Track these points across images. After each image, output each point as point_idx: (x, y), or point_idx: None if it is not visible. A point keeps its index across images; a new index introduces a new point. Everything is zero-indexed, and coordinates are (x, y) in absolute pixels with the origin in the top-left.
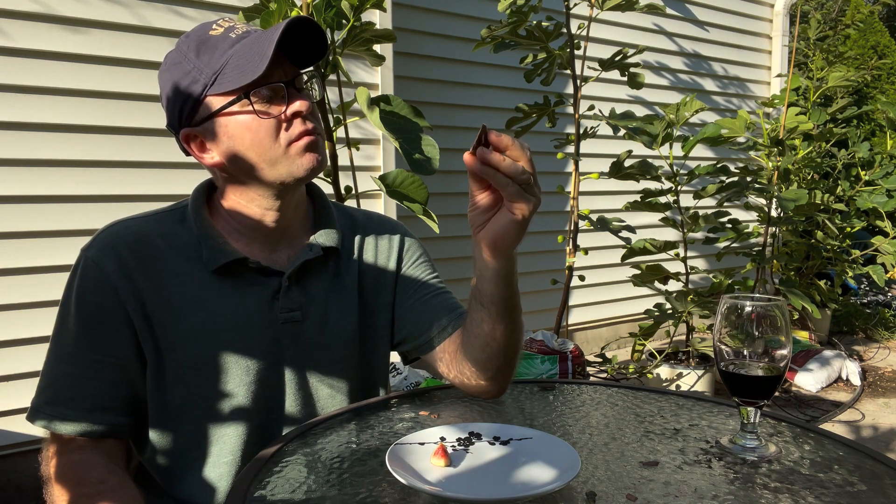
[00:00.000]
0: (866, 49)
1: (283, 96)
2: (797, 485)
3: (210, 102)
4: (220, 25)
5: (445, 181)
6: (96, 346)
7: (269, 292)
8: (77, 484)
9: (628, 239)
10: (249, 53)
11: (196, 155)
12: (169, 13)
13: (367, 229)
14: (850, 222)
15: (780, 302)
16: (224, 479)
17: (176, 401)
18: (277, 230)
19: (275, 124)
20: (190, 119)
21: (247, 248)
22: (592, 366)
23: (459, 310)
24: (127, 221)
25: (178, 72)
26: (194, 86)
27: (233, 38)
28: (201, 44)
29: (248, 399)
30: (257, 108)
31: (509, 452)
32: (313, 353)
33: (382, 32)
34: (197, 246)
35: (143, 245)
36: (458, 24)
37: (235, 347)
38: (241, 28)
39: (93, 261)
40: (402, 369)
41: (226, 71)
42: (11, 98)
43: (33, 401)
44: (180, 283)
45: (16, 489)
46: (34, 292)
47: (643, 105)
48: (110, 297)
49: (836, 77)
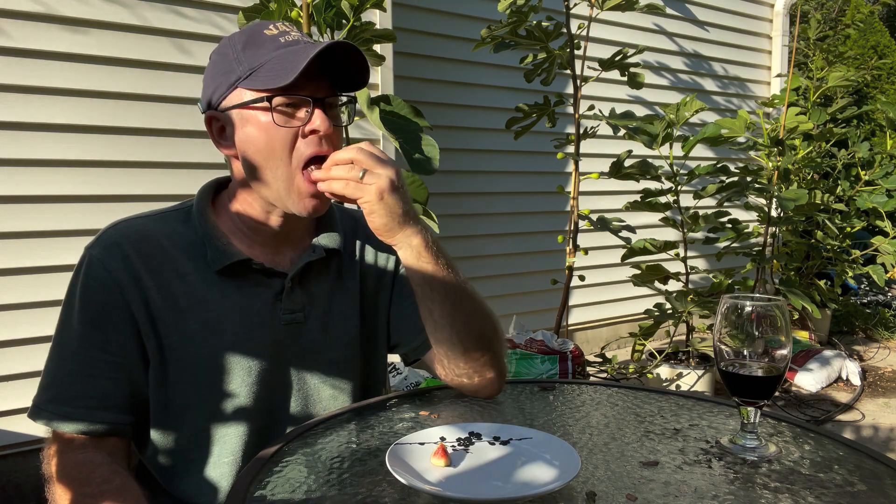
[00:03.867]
0: (866, 49)
1: (307, 111)
2: (797, 485)
3: (239, 94)
4: (277, 28)
5: (445, 181)
6: (100, 344)
7: (272, 293)
8: (81, 483)
9: (628, 239)
10: (287, 61)
11: (214, 139)
12: (169, 13)
13: (369, 230)
14: (850, 222)
15: (780, 302)
16: (225, 479)
17: (178, 400)
18: (281, 232)
19: (291, 135)
20: (218, 104)
21: (250, 250)
22: (592, 366)
23: None
24: (132, 220)
25: (223, 58)
26: (230, 74)
27: (281, 42)
28: (251, 39)
29: (250, 399)
30: (278, 113)
31: (509, 452)
32: (315, 355)
33: (382, 32)
34: (201, 246)
35: (148, 244)
36: (458, 24)
37: (238, 348)
38: (294, 35)
39: (97, 259)
40: (402, 369)
41: (262, 70)
42: (11, 98)
43: (35, 399)
44: (184, 283)
45: (16, 489)
46: (34, 292)
47: (643, 105)
48: (115, 296)
49: (836, 77)
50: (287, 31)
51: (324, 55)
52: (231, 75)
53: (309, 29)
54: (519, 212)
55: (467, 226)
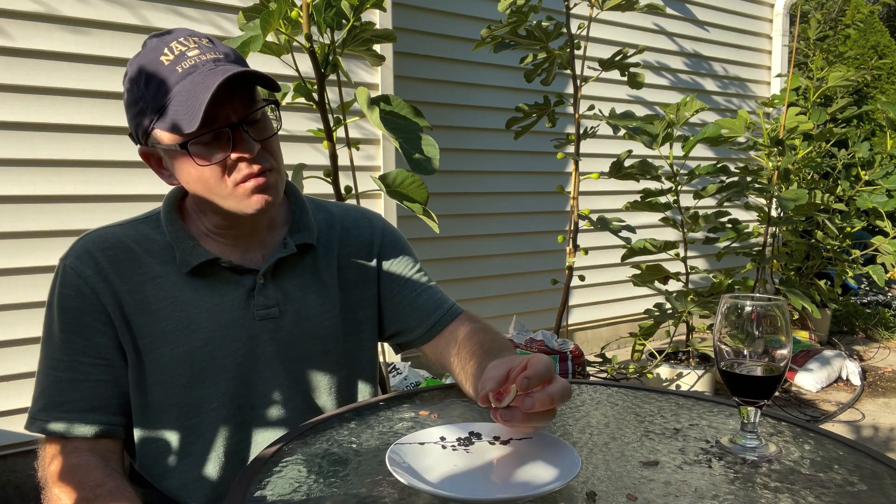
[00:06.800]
0: (866, 49)
1: (227, 138)
2: (797, 485)
3: (157, 136)
4: (172, 51)
5: (445, 181)
6: (82, 349)
7: (245, 290)
8: (75, 488)
9: (628, 239)
10: (188, 102)
11: (156, 171)
12: (170, 13)
13: (346, 223)
14: (850, 222)
15: (780, 302)
16: (210, 478)
17: (155, 401)
18: (246, 231)
19: (220, 167)
20: (145, 140)
21: (220, 249)
22: (592, 366)
23: (446, 306)
24: (102, 229)
25: (132, 93)
26: (142, 115)
27: (179, 72)
28: (151, 73)
29: (227, 396)
30: (196, 156)
31: (509, 452)
32: (293, 349)
33: (382, 32)
34: (170, 250)
35: (119, 250)
36: (458, 24)
37: (213, 346)
38: (192, 57)
39: (71, 268)
40: (402, 369)
41: (168, 112)
42: (11, 98)
43: (30, 411)
44: (156, 286)
45: (16, 489)
46: (34, 292)
47: (643, 105)
48: (91, 301)
49: (836, 77)
50: (184, 53)
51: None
52: (143, 117)
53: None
54: (519, 212)
55: (467, 226)
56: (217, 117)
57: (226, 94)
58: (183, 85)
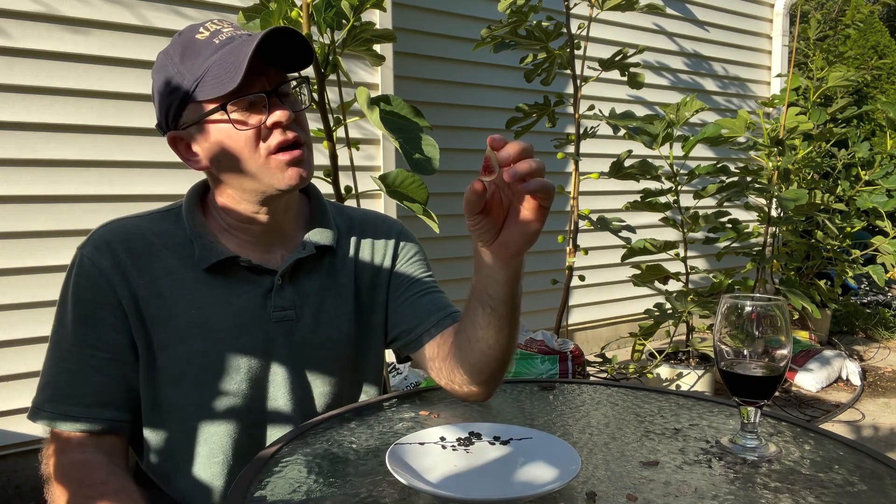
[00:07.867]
0: (866, 49)
1: (263, 106)
2: (797, 485)
3: (193, 108)
4: (207, 29)
5: (445, 181)
6: (94, 342)
7: (262, 291)
8: (78, 485)
9: (628, 239)
10: (228, 63)
11: (183, 157)
12: (170, 13)
13: (364, 228)
14: (850, 222)
15: (780, 302)
16: (217, 479)
17: (166, 399)
18: (269, 229)
19: (254, 135)
20: (176, 122)
21: (239, 248)
22: (592, 366)
23: (449, 310)
24: (122, 220)
25: (165, 74)
26: (178, 91)
27: (216, 43)
28: (186, 48)
29: (239, 398)
30: (235, 118)
31: (509, 452)
32: (307, 352)
33: (382, 32)
34: (189, 245)
35: (137, 242)
36: (458, 24)
37: (226, 346)
38: (226, 32)
39: (88, 258)
40: (402, 369)
41: (206, 79)
42: (11, 98)
43: (34, 400)
44: (172, 281)
45: (16, 489)
46: (34, 292)
47: (643, 105)
48: (106, 293)
49: (836, 77)
50: (219, 30)
51: (263, 46)
52: (179, 91)
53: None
54: None
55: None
56: (254, 84)
57: (261, 65)
58: (221, 53)
